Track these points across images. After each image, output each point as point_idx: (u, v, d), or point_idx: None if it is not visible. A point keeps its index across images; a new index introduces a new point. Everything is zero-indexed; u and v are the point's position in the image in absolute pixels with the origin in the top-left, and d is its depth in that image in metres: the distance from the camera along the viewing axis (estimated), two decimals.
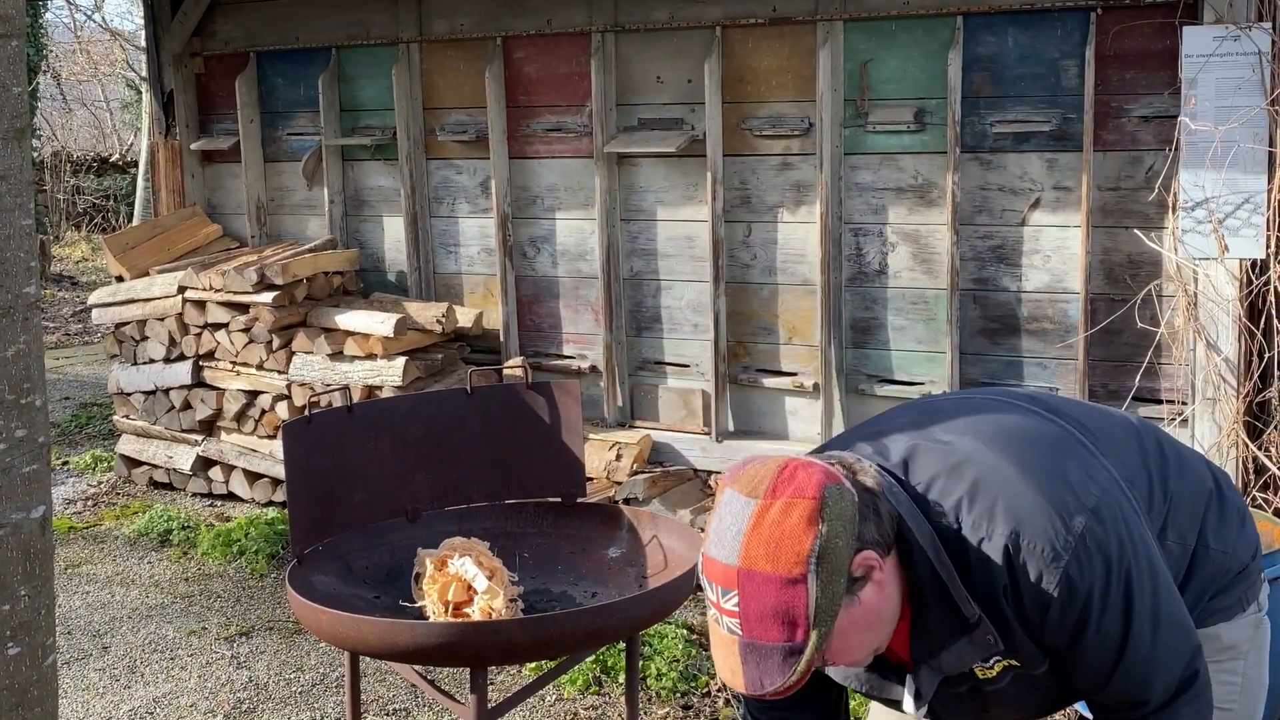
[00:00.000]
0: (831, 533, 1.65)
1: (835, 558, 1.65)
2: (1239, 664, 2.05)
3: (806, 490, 1.66)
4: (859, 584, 1.70)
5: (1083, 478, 1.81)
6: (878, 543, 1.72)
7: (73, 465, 6.67)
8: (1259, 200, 4.33)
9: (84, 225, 15.95)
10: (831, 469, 1.73)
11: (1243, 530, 2.07)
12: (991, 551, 1.75)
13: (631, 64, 5.49)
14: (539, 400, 3.47)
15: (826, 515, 1.65)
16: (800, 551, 1.64)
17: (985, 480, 1.79)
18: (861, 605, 1.71)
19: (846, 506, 1.68)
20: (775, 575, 1.64)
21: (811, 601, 1.64)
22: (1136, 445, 2.03)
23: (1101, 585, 1.75)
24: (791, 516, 1.65)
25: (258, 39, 6.36)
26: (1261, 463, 4.35)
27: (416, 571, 3.09)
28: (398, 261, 6.18)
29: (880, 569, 1.73)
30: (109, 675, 4.29)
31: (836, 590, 1.65)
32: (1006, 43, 4.80)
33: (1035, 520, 1.75)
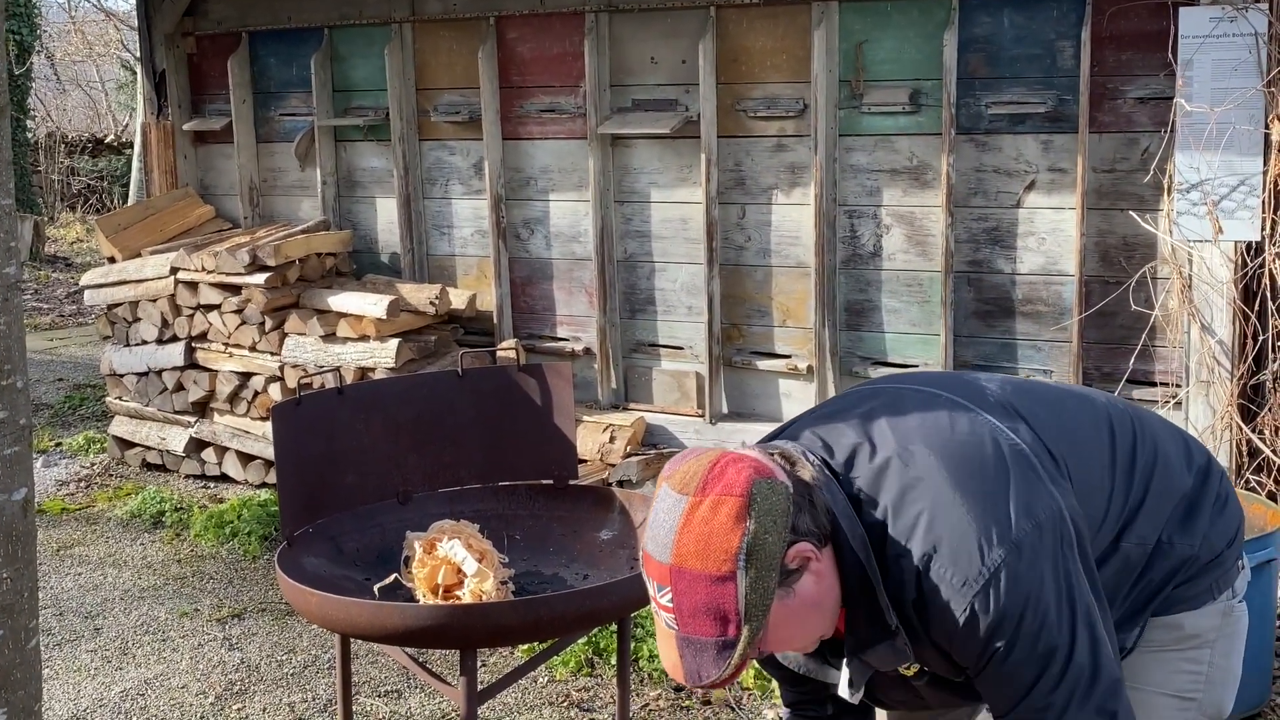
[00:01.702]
0: (760, 529, 1.65)
1: (765, 553, 1.65)
2: (1204, 653, 2.02)
3: (734, 488, 1.67)
4: (794, 576, 1.70)
5: (1019, 509, 1.75)
6: (813, 534, 1.71)
7: (66, 447, 6.66)
8: (1254, 182, 4.31)
9: (79, 206, 15.91)
10: (764, 463, 1.72)
11: (1220, 519, 2.02)
12: (905, 566, 1.74)
13: (625, 44, 5.46)
14: (531, 382, 3.46)
15: (754, 512, 1.65)
16: (728, 549, 1.64)
17: (917, 492, 1.77)
18: (798, 597, 1.71)
19: (778, 500, 1.67)
20: (704, 573, 1.65)
21: (741, 598, 1.64)
22: (1106, 445, 1.98)
23: (1013, 622, 1.71)
24: (719, 514, 1.65)
25: (249, 19, 6.33)
26: (1255, 445, 4.35)
27: (405, 555, 3.08)
28: (391, 243, 6.16)
29: (817, 559, 1.72)
30: (100, 656, 4.29)
31: (768, 585, 1.66)
32: (1002, 24, 4.78)
33: (952, 544, 1.72)
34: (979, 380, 2.02)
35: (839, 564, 1.76)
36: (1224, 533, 2.02)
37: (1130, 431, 2.03)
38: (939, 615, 1.74)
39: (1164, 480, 1.99)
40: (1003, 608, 1.71)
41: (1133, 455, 1.99)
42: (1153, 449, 2.02)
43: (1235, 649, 2.07)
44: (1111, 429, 2.01)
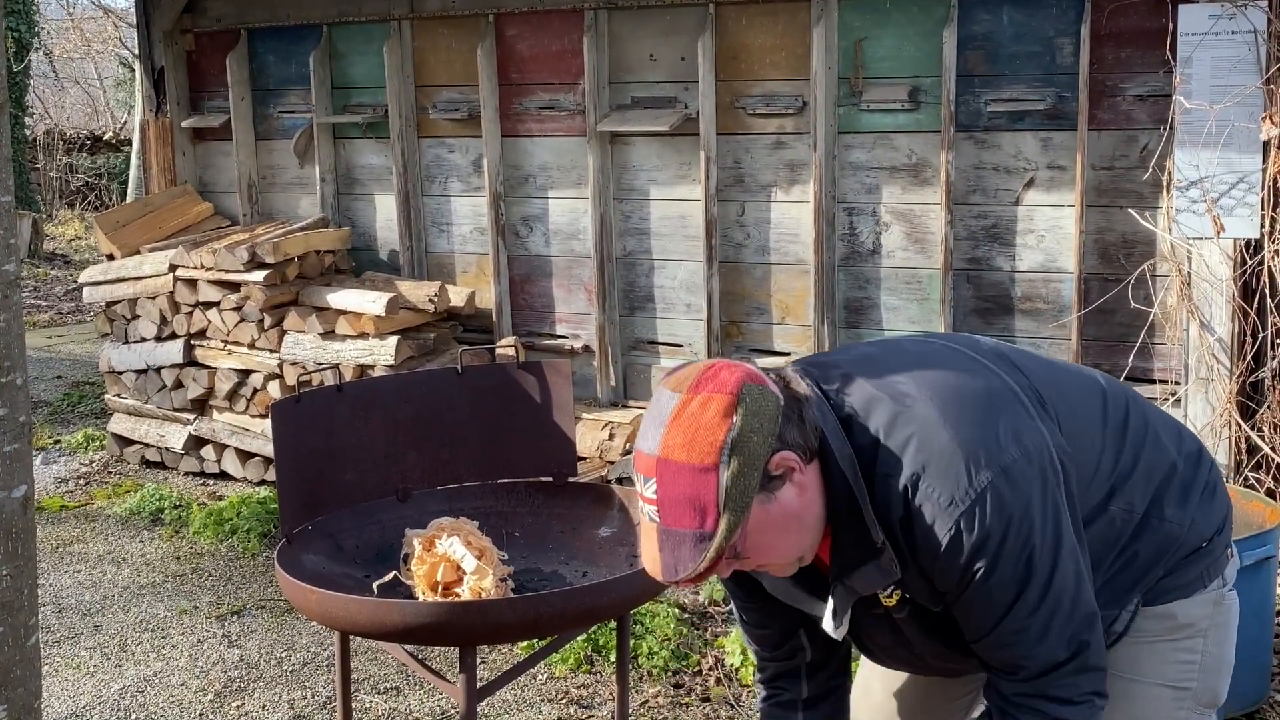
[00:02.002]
0: (746, 426, 1.69)
1: (749, 451, 1.69)
2: (1197, 642, 2.03)
3: (725, 386, 1.71)
4: (777, 482, 1.73)
5: (1007, 436, 1.79)
6: (800, 446, 1.75)
7: (65, 444, 6.66)
8: (1253, 180, 4.31)
9: (77, 204, 15.90)
10: (757, 372, 1.76)
11: (1209, 505, 2.03)
12: (894, 486, 1.77)
13: (624, 42, 5.46)
14: (530, 380, 3.46)
15: (742, 410, 1.69)
16: (714, 441, 1.68)
17: (906, 416, 1.80)
18: (779, 504, 1.74)
19: (767, 405, 1.72)
20: (689, 464, 1.68)
21: (721, 490, 1.68)
22: (1098, 407, 2.00)
23: (995, 544, 1.75)
24: (709, 409, 1.70)
25: (248, 16, 6.32)
26: (1254, 442, 4.35)
27: (405, 552, 3.08)
28: (390, 240, 6.16)
29: (800, 471, 1.75)
30: (100, 654, 4.29)
31: (749, 483, 1.69)
32: (1001, 21, 4.78)
33: (940, 464, 1.75)
34: (977, 340, 2.05)
35: (826, 482, 1.79)
36: (1212, 520, 2.03)
37: (1123, 401, 2.05)
38: (925, 534, 1.76)
39: (1154, 452, 2.00)
40: (987, 528, 1.74)
41: (1125, 421, 2.01)
42: (1144, 421, 2.03)
43: (1228, 637, 2.08)
44: (1104, 395, 2.03)
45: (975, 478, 1.75)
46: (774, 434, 1.71)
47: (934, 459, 1.76)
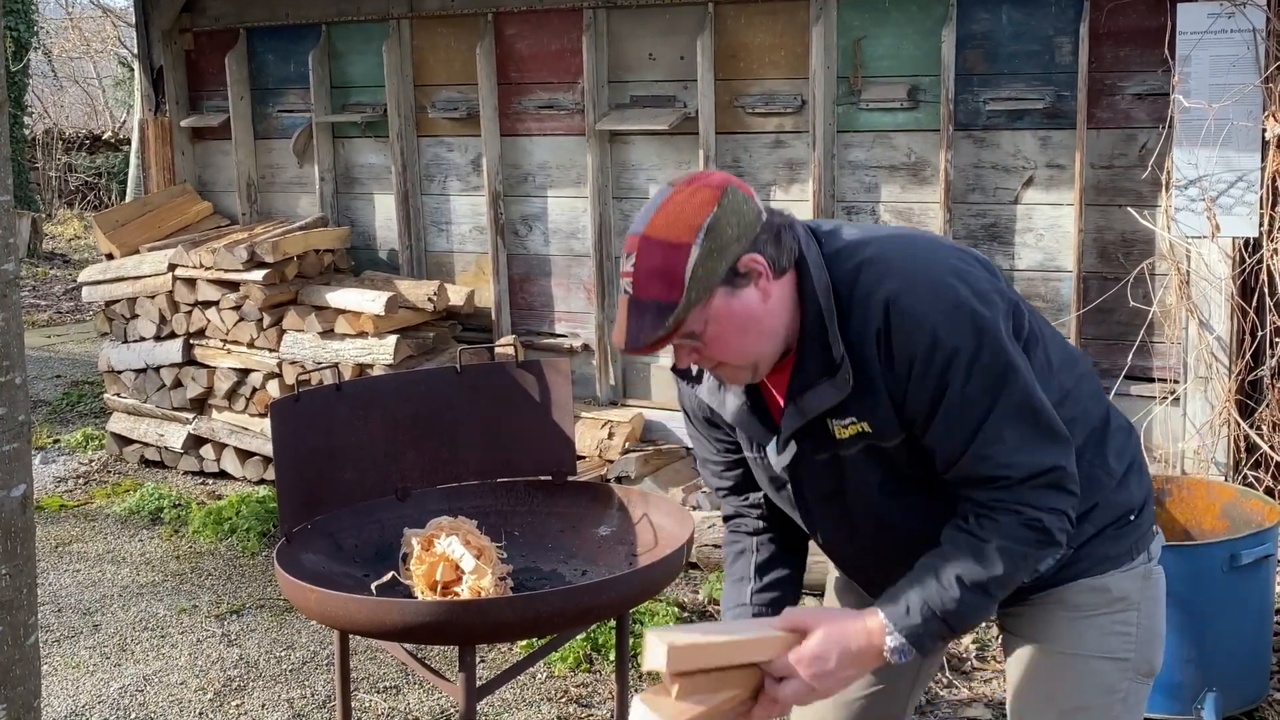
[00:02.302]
0: (723, 218, 1.85)
1: (721, 239, 1.85)
2: (1132, 614, 2.11)
3: (713, 182, 1.89)
4: (742, 280, 1.88)
5: (985, 279, 1.95)
6: (771, 258, 1.89)
7: (64, 443, 6.66)
8: (1252, 179, 4.32)
9: (76, 203, 15.89)
10: (748, 187, 1.91)
11: (1138, 477, 2.12)
12: (875, 301, 1.89)
13: (623, 41, 5.46)
14: (529, 379, 3.46)
15: (723, 203, 1.86)
16: (691, 223, 1.85)
17: (889, 251, 1.95)
18: (741, 301, 1.88)
19: (747, 210, 1.88)
20: (666, 240, 1.85)
21: (689, 265, 1.83)
22: (1053, 334, 2.11)
23: (970, 352, 1.86)
24: (695, 198, 1.87)
25: (247, 15, 6.32)
26: (1253, 441, 4.35)
27: (403, 552, 3.08)
28: (389, 239, 6.16)
29: (766, 279, 1.89)
30: (99, 653, 4.29)
31: (715, 267, 1.84)
32: (1001, 20, 4.78)
33: (920, 283, 1.89)
34: None
35: (800, 302, 1.93)
36: (1140, 491, 2.11)
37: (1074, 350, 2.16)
38: (902, 344, 1.88)
39: (1093, 396, 2.10)
40: (962, 337, 1.86)
41: (1074, 357, 2.12)
42: (1090, 371, 2.14)
43: (1158, 610, 2.16)
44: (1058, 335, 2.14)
45: (953, 294, 1.88)
46: (749, 236, 1.87)
47: (912, 279, 1.90)
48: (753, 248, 1.88)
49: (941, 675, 3.89)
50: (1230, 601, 3.47)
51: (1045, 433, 1.90)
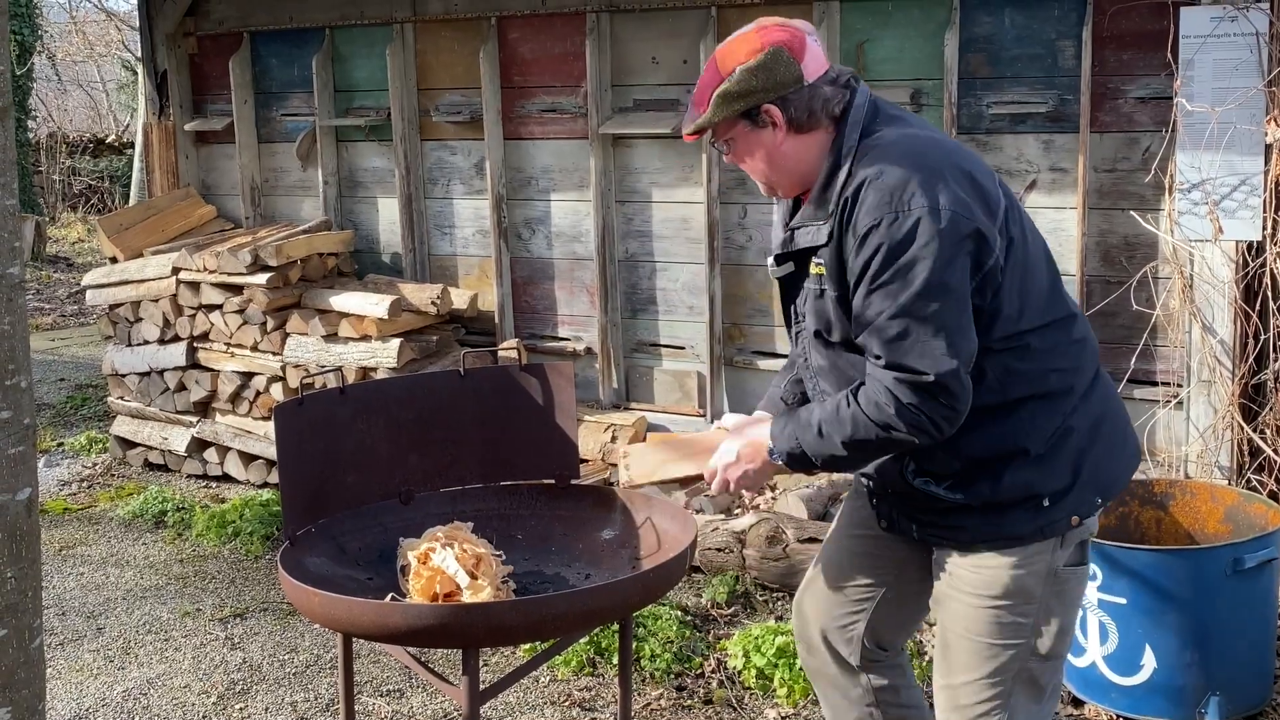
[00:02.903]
0: (757, 70, 2.29)
1: (746, 86, 2.30)
2: (1031, 608, 2.33)
3: (770, 38, 2.31)
4: (762, 120, 2.33)
5: (952, 202, 2.19)
6: (790, 115, 2.32)
7: (68, 447, 6.67)
8: (1255, 182, 4.32)
9: (80, 207, 15.91)
10: (812, 48, 2.33)
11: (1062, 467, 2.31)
12: (858, 178, 2.25)
13: (627, 44, 5.47)
14: (533, 382, 3.46)
15: (762, 60, 2.29)
16: (733, 63, 2.32)
17: (902, 144, 2.28)
18: (758, 135, 2.36)
19: (783, 72, 2.30)
20: (714, 68, 2.35)
21: (715, 93, 2.32)
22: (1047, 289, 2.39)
23: (898, 249, 2.17)
24: (750, 44, 2.32)
25: (251, 19, 6.33)
26: (1256, 445, 4.35)
27: (401, 565, 3.09)
28: (392, 243, 6.16)
29: (779, 127, 2.34)
30: (103, 656, 4.29)
31: (735, 102, 2.31)
32: (1003, 23, 4.78)
33: (895, 179, 2.20)
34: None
35: (833, 152, 2.33)
36: (1060, 481, 2.30)
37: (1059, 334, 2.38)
38: (857, 219, 2.23)
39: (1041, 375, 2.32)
40: (897, 236, 2.17)
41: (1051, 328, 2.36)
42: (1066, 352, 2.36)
43: (1062, 607, 2.36)
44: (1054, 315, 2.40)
45: (911, 199, 2.18)
46: (777, 93, 2.30)
47: (894, 173, 2.22)
48: (775, 101, 2.31)
49: None
50: (1233, 605, 3.46)
51: (938, 345, 2.16)
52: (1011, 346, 2.28)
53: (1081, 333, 2.41)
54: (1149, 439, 4.63)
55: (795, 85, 2.31)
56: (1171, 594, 3.46)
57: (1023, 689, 2.38)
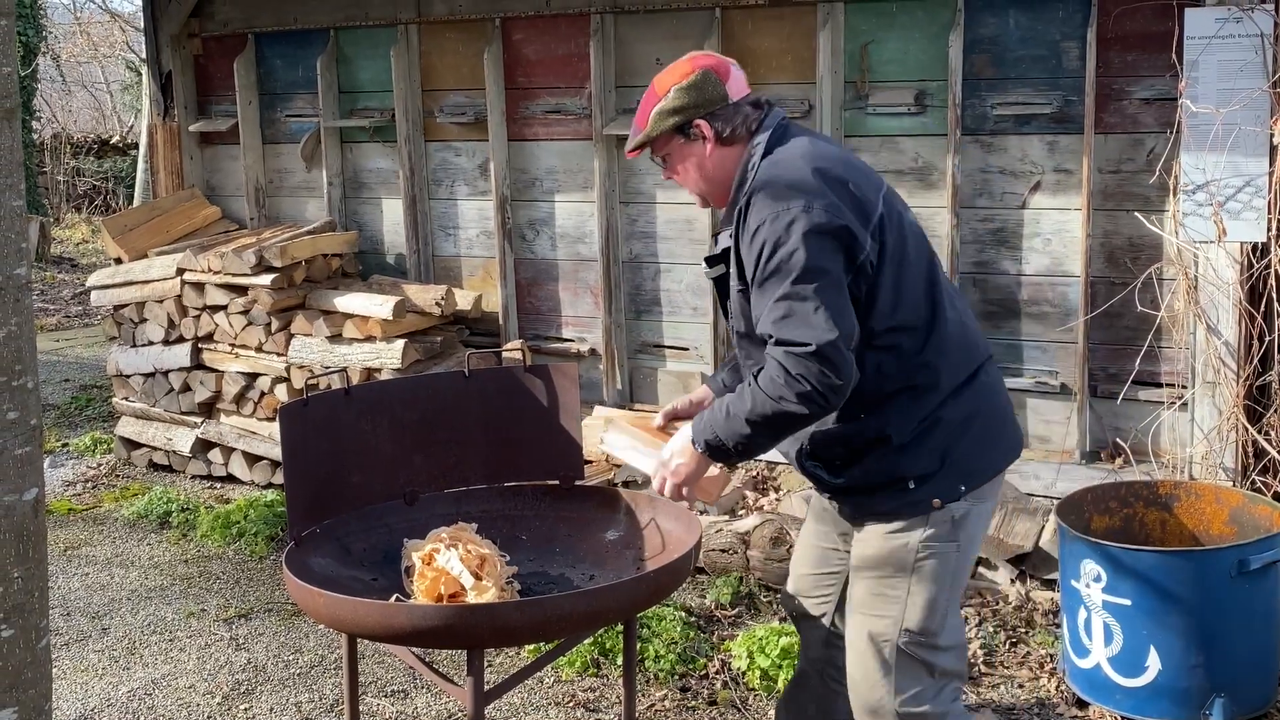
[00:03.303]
0: (689, 86, 2.65)
1: (682, 100, 2.65)
2: (901, 581, 2.60)
3: (699, 62, 2.69)
4: (695, 133, 2.67)
5: (825, 208, 2.47)
6: (717, 130, 2.65)
7: (72, 447, 6.68)
8: (1260, 183, 4.31)
9: (84, 207, 15.92)
10: (735, 74, 2.69)
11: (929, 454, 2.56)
12: (752, 185, 2.57)
13: (631, 46, 5.47)
14: (537, 383, 3.47)
15: (694, 80, 2.65)
16: (668, 85, 2.68)
17: (789, 156, 2.59)
18: (690, 148, 2.69)
19: (713, 91, 2.65)
20: (652, 91, 2.71)
21: (654, 110, 2.69)
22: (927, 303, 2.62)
23: (775, 246, 2.47)
24: (681, 68, 2.69)
25: (256, 20, 6.34)
26: (1261, 446, 4.34)
27: (405, 566, 3.09)
28: (397, 244, 6.17)
29: (709, 141, 2.67)
30: (108, 656, 4.30)
31: (669, 118, 2.66)
32: (1008, 24, 4.78)
33: (777, 188, 2.52)
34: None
35: (741, 164, 2.65)
36: (926, 467, 2.56)
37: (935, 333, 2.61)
38: (750, 216, 2.54)
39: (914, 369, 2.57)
40: (778, 235, 2.48)
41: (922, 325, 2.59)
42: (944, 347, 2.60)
43: (934, 586, 2.60)
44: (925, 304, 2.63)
45: (790, 201, 2.49)
46: (706, 109, 2.64)
47: (779, 182, 2.53)
48: (705, 116, 2.64)
49: None
50: (1238, 607, 3.46)
51: (818, 319, 2.43)
52: (885, 345, 2.55)
53: (956, 335, 2.63)
54: (1154, 440, 4.63)
55: (722, 103, 2.64)
56: (1176, 595, 3.46)
57: (905, 663, 2.62)
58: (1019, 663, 4.01)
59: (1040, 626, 4.19)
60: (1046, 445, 4.90)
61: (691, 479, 2.68)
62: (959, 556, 2.61)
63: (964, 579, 2.68)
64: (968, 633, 4.15)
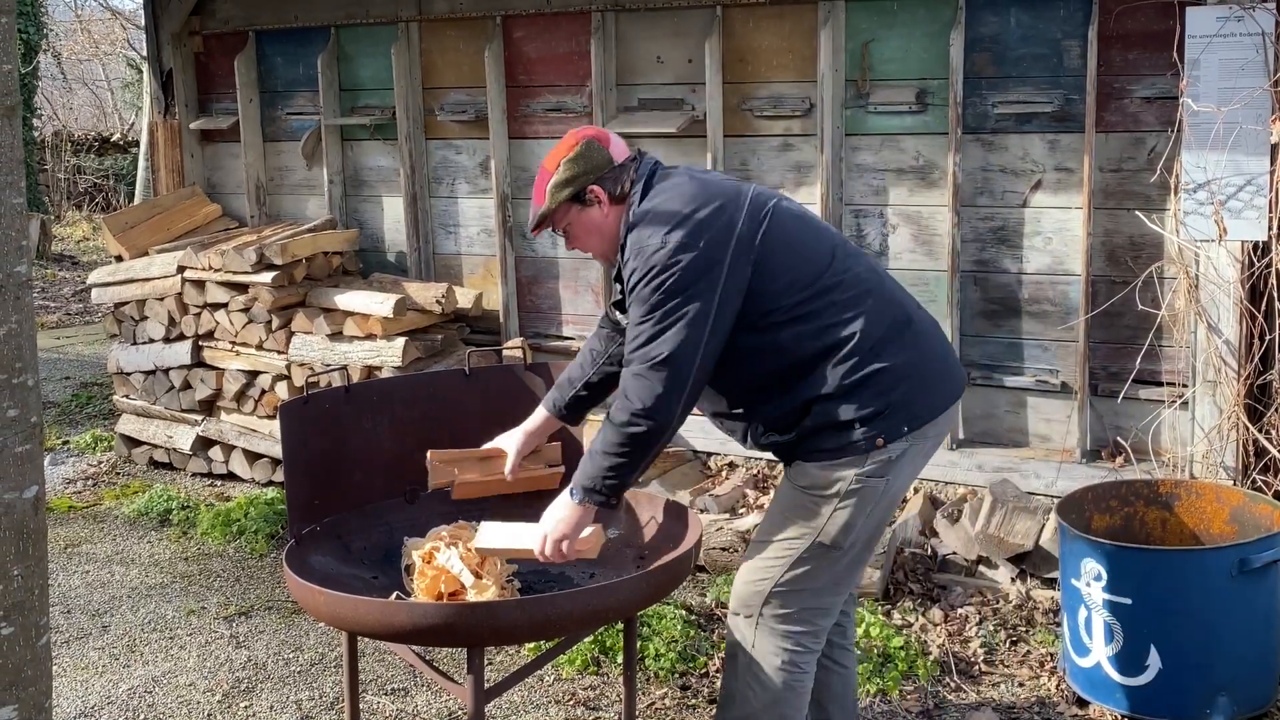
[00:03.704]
0: (576, 162, 2.84)
1: (574, 170, 2.84)
2: (829, 502, 2.75)
3: (581, 135, 2.90)
4: (590, 200, 2.86)
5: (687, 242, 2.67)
6: (610, 192, 2.85)
7: (73, 445, 6.68)
8: (1261, 182, 4.31)
9: (85, 205, 15.93)
10: (615, 140, 2.90)
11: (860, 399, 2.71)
12: (640, 214, 2.78)
13: (632, 44, 5.47)
14: (538, 381, 3.47)
15: (579, 151, 2.85)
16: (557, 159, 2.87)
17: (656, 199, 2.79)
18: (588, 214, 2.87)
19: (598, 158, 2.85)
20: (544, 167, 2.89)
21: (549, 185, 2.86)
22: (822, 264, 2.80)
23: (645, 280, 2.68)
24: (565, 143, 2.89)
25: (257, 18, 6.34)
26: (1261, 445, 4.34)
27: (405, 564, 3.09)
28: (397, 242, 6.17)
29: (604, 204, 2.86)
30: (108, 654, 4.30)
31: (565, 189, 2.84)
32: (1009, 23, 4.78)
33: (645, 231, 2.73)
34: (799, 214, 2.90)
35: (625, 213, 2.83)
36: (860, 411, 2.71)
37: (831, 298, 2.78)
38: (626, 254, 2.77)
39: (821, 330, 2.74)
40: (643, 270, 2.69)
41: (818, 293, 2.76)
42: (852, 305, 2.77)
43: (856, 509, 2.76)
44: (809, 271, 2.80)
45: (654, 242, 2.70)
46: (596, 174, 2.84)
47: (647, 226, 2.73)
48: (597, 182, 2.84)
49: (949, 679, 3.89)
50: (1239, 606, 3.46)
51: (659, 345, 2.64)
52: (795, 316, 2.73)
53: (871, 292, 2.80)
54: (1154, 439, 4.63)
55: (609, 166, 2.85)
56: (1177, 595, 3.46)
57: (809, 561, 2.80)
58: (1019, 661, 4.01)
59: (1041, 625, 4.19)
60: (1047, 444, 4.90)
61: (572, 533, 2.83)
62: (886, 489, 2.77)
63: (887, 509, 2.83)
64: (968, 631, 4.16)
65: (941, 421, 2.84)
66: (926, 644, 4.08)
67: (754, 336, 2.73)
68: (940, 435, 2.87)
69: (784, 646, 2.82)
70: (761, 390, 2.78)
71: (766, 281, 2.72)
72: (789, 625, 2.82)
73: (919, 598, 4.41)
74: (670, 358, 2.65)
